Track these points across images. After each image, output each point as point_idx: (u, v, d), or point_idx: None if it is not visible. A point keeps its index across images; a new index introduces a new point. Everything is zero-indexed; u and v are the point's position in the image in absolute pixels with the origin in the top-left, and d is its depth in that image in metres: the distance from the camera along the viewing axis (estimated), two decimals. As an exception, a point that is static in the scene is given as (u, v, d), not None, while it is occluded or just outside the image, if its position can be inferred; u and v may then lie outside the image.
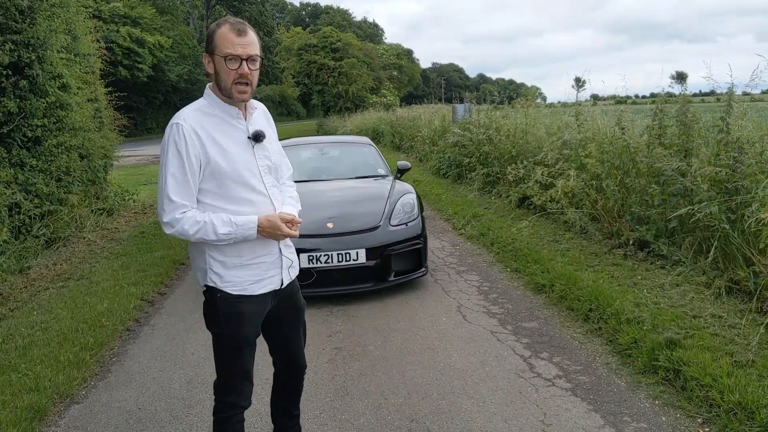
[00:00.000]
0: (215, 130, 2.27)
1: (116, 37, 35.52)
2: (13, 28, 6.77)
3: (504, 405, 3.43)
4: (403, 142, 20.52)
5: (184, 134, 2.20)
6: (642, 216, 5.91)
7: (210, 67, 2.28)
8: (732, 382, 3.22)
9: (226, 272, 2.33)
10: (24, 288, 5.92)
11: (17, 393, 3.66)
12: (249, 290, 2.35)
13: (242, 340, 2.39)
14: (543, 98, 25.51)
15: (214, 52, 2.24)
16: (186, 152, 2.20)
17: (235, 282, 2.34)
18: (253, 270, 2.36)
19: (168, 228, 2.23)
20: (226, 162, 2.25)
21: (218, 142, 2.26)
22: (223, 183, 2.27)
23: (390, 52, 59.16)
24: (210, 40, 2.25)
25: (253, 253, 2.36)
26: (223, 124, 2.30)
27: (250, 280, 2.36)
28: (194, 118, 2.25)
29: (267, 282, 2.41)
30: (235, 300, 2.33)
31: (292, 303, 2.59)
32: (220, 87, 2.27)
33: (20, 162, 6.95)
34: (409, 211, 5.78)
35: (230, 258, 2.33)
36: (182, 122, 2.22)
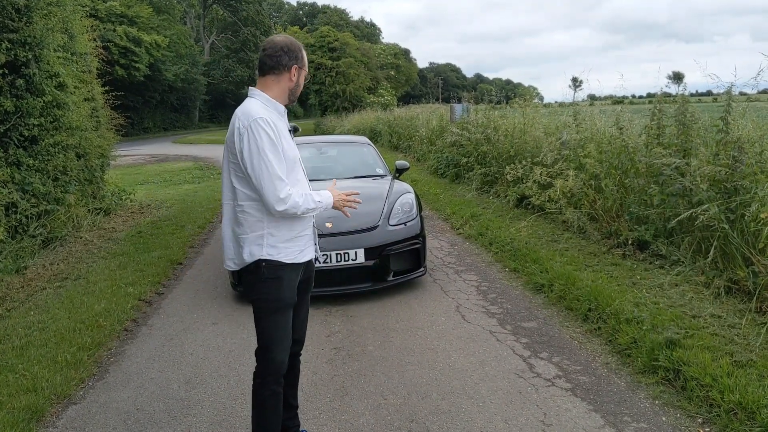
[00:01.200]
0: (278, 123, 2.67)
1: (113, 36, 35.38)
2: (10, 26, 6.74)
3: (504, 405, 3.42)
4: (401, 141, 20.51)
5: (270, 124, 2.59)
6: (641, 216, 5.91)
7: (295, 78, 2.76)
8: (732, 382, 3.22)
9: (282, 245, 2.71)
10: (21, 288, 5.88)
11: (14, 394, 3.64)
12: (298, 258, 2.76)
13: (287, 306, 2.77)
14: (540, 98, 25.50)
15: (303, 66, 2.80)
16: (277, 139, 2.59)
17: (288, 252, 2.72)
18: (299, 242, 2.77)
19: (281, 204, 2.57)
20: (289, 148, 2.68)
21: (283, 133, 2.68)
22: (290, 165, 2.67)
23: (387, 52, 59.13)
24: (302, 57, 2.78)
25: (300, 227, 2.78)
26: (278, 119, 2.71)
27: (297, 249, 2.76)
28: (266, 113, 2.63)
29: (306, 252, 2.83)
30: (277, 267, 2.69)
31: (308, 277, 2.95)
32: (296, 94, 2.82)
33: (17, 161, 6.91)
34: (407, 210, 5.77)
35: (284, 233, 2.71)
36: (264, 118, 2.59)
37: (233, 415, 3.45)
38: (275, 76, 2.72)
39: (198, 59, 53.25)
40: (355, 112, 34.85)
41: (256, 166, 2.56)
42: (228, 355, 4.29)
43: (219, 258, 6.88)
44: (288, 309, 2.79)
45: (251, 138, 2.55)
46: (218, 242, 7.73)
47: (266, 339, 2.76)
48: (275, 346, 2.75)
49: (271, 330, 2.75)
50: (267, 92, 2.72)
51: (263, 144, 2.55)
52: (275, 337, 2.75)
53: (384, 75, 49.66)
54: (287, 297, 2.76)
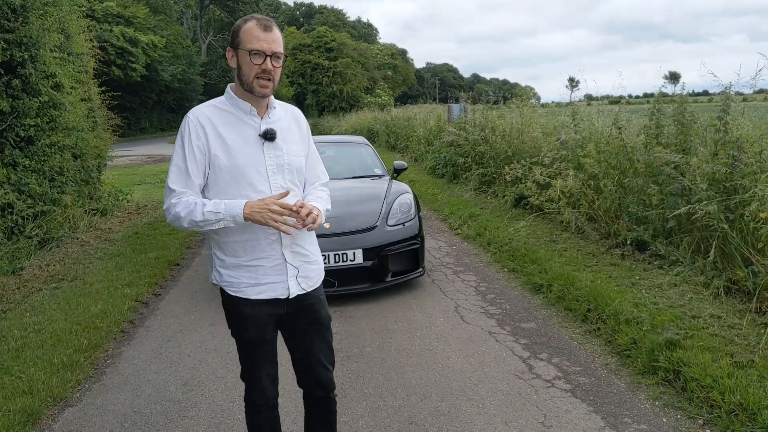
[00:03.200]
0: (223, 126, 2.26)
1: (109, 37, 35.30)
2: (6, 26, 6.70)
3: (504, 406, 3.41)
4: (399, 142, 20.50)
5: (189, 126, 2.24)
6: (639, 216, 5.90)
7: (233, 62, 2.28)
8: (733, 383, 3.20)
9: (225, 271, 2.34)
10: (17, 289, 5.85)
11: (10, 396, 3.61)
12: (245, 293, 2.31)
13: (249, 342, 2.41)
14: (537, 98, 25.45)
15: (238, 46, 2.24)
16: (189, 143, 2.22)
17: (233, 282, 2.32)
18: (250, 272, 2.31)
19: (167, 215, 2.24)
20: (226, 157, 2.23)
21: (222, 137, 2.24)
22: (221, 177, 2.24)
23: (384, 52, 59.18)
24: (235, 35, 2.26)
25: (250, 254, 2.30)
26: (234, 120, 2.28)
27: (246, 282, 2.31)
28: (205, 112, 2.28)
29: (266, 288, 2.32)
30: (237, 300, 2.33)
31: (310, 317, 2.46)
32: (242, 81, 2.26)
33: (13, 162, 6.87)
34: (406, 211, 5.75)
35: (229, 257, 2.32)
36: (190, 115, 2.27)
37: (230, 417, 3.42)
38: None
39: (195, 59, 53.17)
40: (353, 113, 34.88)
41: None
42: (225, 356, 4.26)
43: (213, 261, 6.84)
44: (257, 348, 2.42)
45: (177, 138, 2.31)
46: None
47: (244, 374, 2.50)
48: (247, 382, 2.49)
49: (242, 364, 2.49)
50: (234, 89, 2.33)
51: (176, 144, 2.27)
52: (246, 373, 2.48)
53: (381, 75, 49.69)
54: (253, 337, 2.39)
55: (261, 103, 2.31)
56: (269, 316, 2.37)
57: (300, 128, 2.48)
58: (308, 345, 2.50)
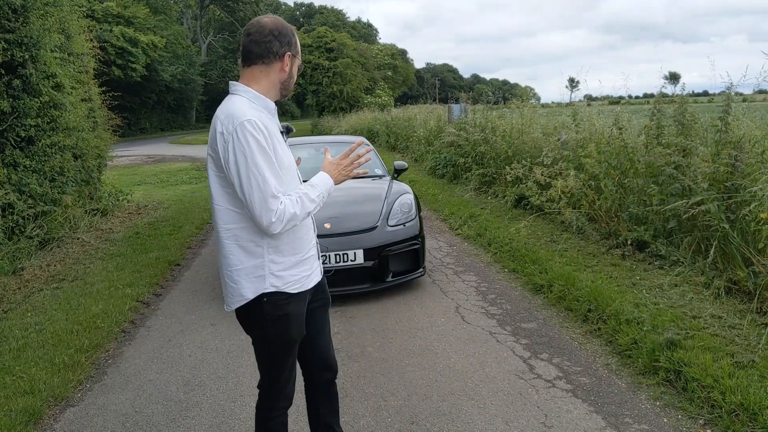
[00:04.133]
0: (269, 124, 2.22)
1: (109, 37, 35.26)
2: (6, 27, 6.70)
3: (504, 407, 3.41)
4: (399, 142, 20.50)
5: (260, 127, 2.12)
6: (640, 216, 5.91)
7: (287, 67, 2.29)
8: (733, 383, 3.21)
9: (287, 272, 2.28)
10: (18, 289, 5.85)
11: (11, 396, 3.61)
12: (305, 285, 2.34)
13: (292, 343, 2.36)
14: (537, 98, 25.46)
15: (297, 55, 2.32)
16: (267, 144, 2.13)
17: (296, 279, 2.30)
18: (307, 264, 2.36)
19: (277, 225, 2.12)
20: (284, 154, 2.25)
21: (275, 136, 2.22)
22: (284, 172, 2.24)
23: (384, 53, 59.18)
24: (295, 42, 2.30)
25: (306, 246, 2.36)
26: (268, 119, 2.24)
27: (305, 274, 2.34)
28: (255, 114, 2.16)
29: (314, 274, 2.41)
30: (283, 302, 2.27)
31: (321, 296, 2.54)
32: (289, 87, 2.33)
33: (13, 162, 6.88)
34: (406, 211, 5.75)
35: (289, 257, 2.28)
36: (254, 121, 2.11)
37: (232, 417, 3.42)
38: (264, 66, 2.23)
39: (195, 60, 53.15)
40: (353, 113, 34.84)
41: (245, 182, 2.09)
42: (227, 356, 4.27)
43: (217, 259, 6.85)
44: (293, 349, 2.39)
45: (237, 146, 2.09)
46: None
47: (272, 380, 2.41)
48: (281, 388, 2.41)
49: (277, 372, 2.39)
50: (253, 86, 2.23)
51: (253, 153, 2.08)
52: (281, 379, 2.39)
53: (381, 75, 49.69)
54: (296, 334, 2.35)
55: None
56: (305, 308, 2.40)
57: None
58: (321, 327, 2.54)
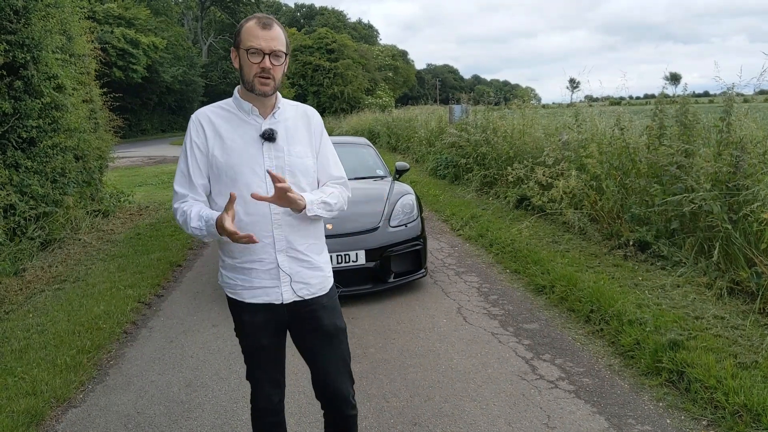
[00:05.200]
0: (223, 125, 2.24)
1: (111, 38, 35.30)
2: (8, 28, 6.70)
3: (507, 407, 3.40)
4: (400, 143, 20.50)
5: (191, 127, 2.27)
6: (642, 217, 5.90)
7: (236, 62, 2.25)
8: (737, 384, 3.20)
9: (224, 272, 2.35)
10: (19, 290, 5.85)
11: (13, 397, 3.61)
12: (240, 296, 2.29)
13: (248, 346, 2.38)
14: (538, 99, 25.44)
15: (239, 45, 2.21)
16: (190, 143, 2.25)
17: (229, 284, 2.33)
18: (243, 274, 2.27)
19: (175, 218, 2.27)
20: (222, 156, 2.21)
21: (221, 135, 2.23)
22: (219, 177, 2.22)
23: (385, 54, 59.19)
24: (237, 34, 2.23)
25: (245, 256, 2.26)
26: (235, 120, 2.25)
27: (240, 285, 2.29)
28: (207, 113, 2.28)
29: (260, 292, 2.26)
30: (236, 307, 2.33)
31: (313, 325, 2.35)
32: (244, 80, 2.22)
33: (15, 163, 6.88)
34: (408, 212, 5.75)
35: (227, 258, 2.32)
36: (193, 116, 2.28)
37: (234, 418, 3.42)
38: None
39: (196, 61, 53.20)
40: (354, 114, 34.85)
41: None
42: (228, 357, 4.26)
43: (218, 260, 6.84)
44: (257, 355, 2.38)
45: None
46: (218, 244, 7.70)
47: (246, 371, 2.47)
48: (251, 384, 2.47)
49: (246, 365, 2.46)
50: (239, 90, 2.29)
51: (182, 147, 2.30)
52: (249, 376, 2.45)
53: (382, 76, 49.71)
54: (250, 342, 2.36)
55: (265, 103, 2.25)
56: (266, 321, 2.31)
57: (310, 127, 2.38)
58: (313, 356, 2.42)
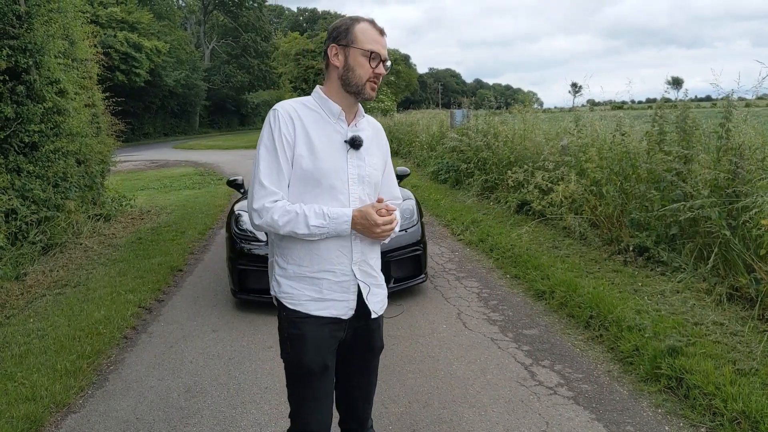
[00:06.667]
0: (311, 125, 2.12)
1: (113, 42, 35.40)
2: (11, 33, 6.74)
3: (506, 414, 3.40)
4: (401, 147, 20.52)
5: (279, 119, 2.09)
6: (642, 222, 5.90)
7: (337, 60, 2.14)
8: (735, 391, 3.20)
9: (286, 282, 2.15)
10: (20, 295, 5.87)
11: (13, 402, 3.62)
12: (305, 307, 2.12)
13: (306, 369, 2.14)
14: (540, 103, 25.50)
15: (351, 44, 2.12)
16: (280, 137, 2.07)
17: (292, 294, 2.13)
18: (312, 285, 2.12)
19: (256, 217, 2.05)
20: (311, 157, 2.09)
21: (309, 136, 2.10)
22: (301, 180, 2.09)
23: (387, 58, 59.21)
24: (346, 32, 2.13)
25: (316, 265, 2.12)
26: (321, 121, 2.15)
27: (307, 296, 2.12)
28: (294, 108, 2.13)
29: (328, 304, 2.14)
30: (297, 319, 2.13)
31: (366, 342, 2.29)
32: (351, 82, 2.13)
33: (17, 168, 6.91)
34: (408, 217, 5.76)
35: (291, 266, 2.14)
36: (279, 108, 2.12)
37: (233, 424, 3.42)
38: (326, 69, 2.20)
39: (198, 65, 53.35)
40: (355, 118, 34.85)
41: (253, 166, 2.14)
42: (228, 363, 4.27)
43: (219, 264, 6.86)
44: (316, 378, 2.15)
45: (261, 135, 2.15)
46: (219, 248, 7.72)
47: (292, 405, 2.24)
48: (299, 420, 2.22)
49: (294, 398, 2.21)
50: (324, 89, 2.20)
51: (262, 140, 2.11)
52: (304, 407, 2.19)
53: (384, 80, 49.73)
54: (311, 362, 2.12)
55: (352, 109, 2.20)
56: (331, 338, 2.16)
57: (379, 142, 2.36)
58: (355, 375, 2.33)
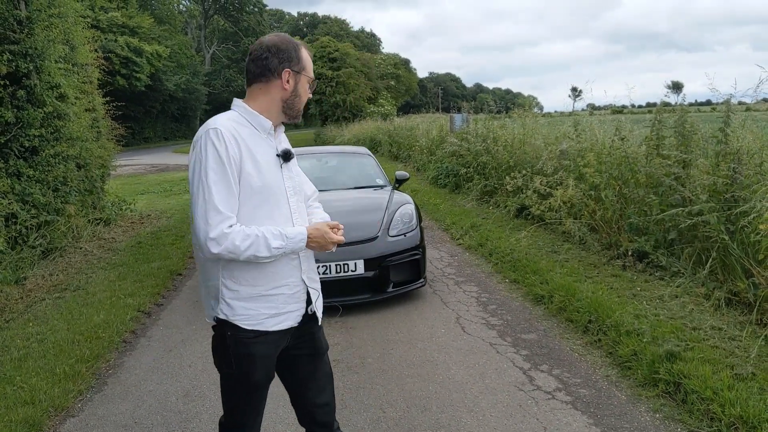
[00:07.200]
0: (251, 141, 2.09)
1: (114, 47, 35.52)
2: (11, 38, 6.77)
3: (504, 419, 3.41)
4: (401, 151, 20.55)
5: (225, 139, 2.01)
6: (640, 227, 5.91)
7: (288, 85, 2.15)
8: (733, 396, 3.20)
9: (239, 304, 2.11)
10: (20, 299, 5.88)
11: (12, 406, 3.62)
12: (263, 325, 2.12)
13: (253, 385, 2.18)
14: (540, 108, 25.56)
15: (302, 71, 2.18)
16: (228, 159, 2.00)
17: (249, 315, 2.10)
18: (269, 302, 2.13)
19: (214, 246, 1.97)
20: (258, 175, 2.07)
21: (252, 152, 2.07)
22: (251, 197, 2.07)
23: (387, 62, 59.31)
24: (298, 58, 2.17)
25: (271, 282, 2.13)
26: (256, 136, 2.13)
27: (265, 313, 2.12)
28: (231, 125, 2.07)
29: (284, 317, 2.17)
30: (247, 339, 2.11)
31: (311, 344, 2.32)
32: (295, 107, 2.20)
33: (17, 172, 6.92)
34: (407, 221, 5.77)
35: (244, 287, 2.10)
36: (219, 126, 2.03)
37: (232, 428, 3.42)
38: (262, 84, 2.14)
39: (199, 69, 53.52)
40: (356, 122, 34.92)
41: (194, 190, 2.01)
42: (227, 367, 4.27)
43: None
44: (262, 389, 2.22)
45: (197, 154, 2.02)
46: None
47: (232, 420, 2.27)
48: (236, 428, 2.27)
49: (240, 412, 2.24)
50: (250, 104, 2.15)
51: (207, 162, 1.98)
52: (239, 421, 2.25)
53: (384, 85, 49.78)
54: (260, 378, 2.17)
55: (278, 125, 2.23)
56: (276, 349, 2.20)
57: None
58: (306, 381, 2.34)
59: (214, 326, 2.20)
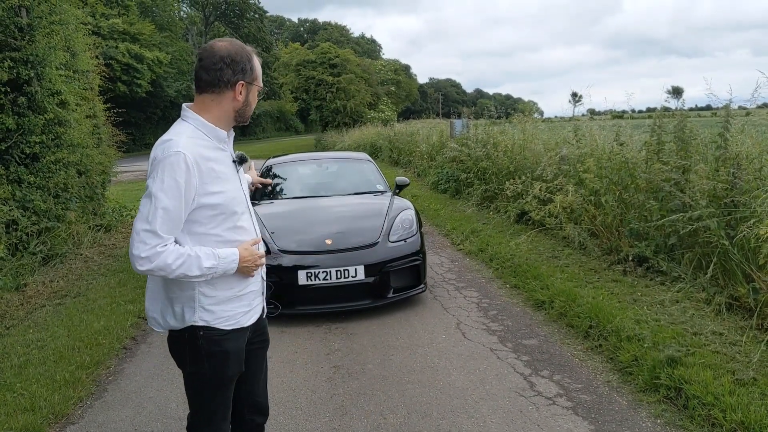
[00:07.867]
0: (213, 157, 2.15)
1: (115, 53, 35.63)
2: (13, 45, 6.79)
3: (505, 425, 3.40)
4: (401, 157, 20.56)
5: (188, 166, 2.04)
6: (641, 232, 5.91)
7: (241, 96, 2.18)
8: (734, 401, 3.20)
9: (219, 307, 2.21)
10: (20, 305, 5.87)
11: (12, 413, 3.62)
12: (239, 322, 2.26)
13: (228, 379, 2.29)
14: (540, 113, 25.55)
15: (253, 82, 2.22)
16: (186, 188, 2.04)
17: (228, 316, 2.23)
18: (242, 301, 2.28)
19: (144, 263, 2.00)
20: (222, 192, 2.15)
21: (215, 169, 2.13)
22: (222, 210, 2.16)
23: (387, 68, 59.43)
24: (251, 69, 2.19)
25: (243, 283, 2.28)
26: (215, 149, 2.18)
27: (240, 312, 2.27)
28: (194, 146, 2.09)
29: (253, 312, 2.36)
30: (219, 338, 2.21)
31: (262, 336, 2.50)
32: (246, 115, 2.24)
33: (18, 179, 6.93)
34: (407, 227, 5.77)
35: (221, 292, 2.22)
36: (183, 152, 2.03)
37: (232, 434, 3.42)
38: (215, 95, 2.14)
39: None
40: (356, 128, 34.96)
41: (142, 203, 2.04)
42: (227, 373, 4.26)
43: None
44: (232, 383, 2.33)
45: (157, 172, 2.02)
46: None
47: (202, 417, 2.33)
48: (216, 426, 2.34)
49: (210, 410, 2.31)
50: (204, 115, 2.16)
51: (163, 185, 2.00)
52: (216, 416, 2.32)
53: (384, 91, 49.87)
54: (233, 371, 2.28)
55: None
56: (245, 341, 2.35)
57: None
58: (255, 368, 2.48)
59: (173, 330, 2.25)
